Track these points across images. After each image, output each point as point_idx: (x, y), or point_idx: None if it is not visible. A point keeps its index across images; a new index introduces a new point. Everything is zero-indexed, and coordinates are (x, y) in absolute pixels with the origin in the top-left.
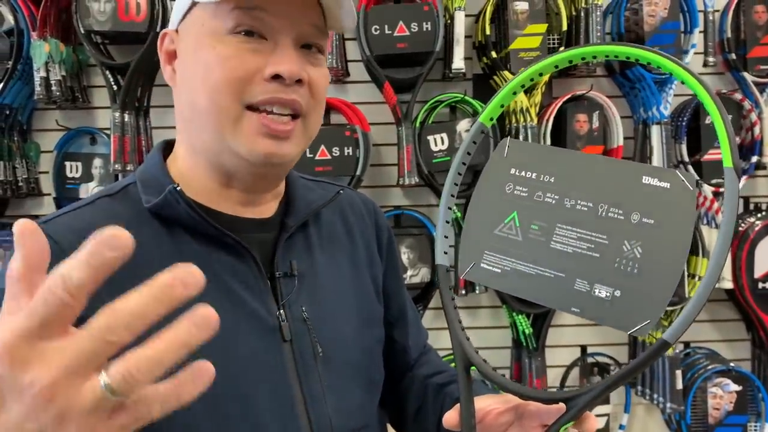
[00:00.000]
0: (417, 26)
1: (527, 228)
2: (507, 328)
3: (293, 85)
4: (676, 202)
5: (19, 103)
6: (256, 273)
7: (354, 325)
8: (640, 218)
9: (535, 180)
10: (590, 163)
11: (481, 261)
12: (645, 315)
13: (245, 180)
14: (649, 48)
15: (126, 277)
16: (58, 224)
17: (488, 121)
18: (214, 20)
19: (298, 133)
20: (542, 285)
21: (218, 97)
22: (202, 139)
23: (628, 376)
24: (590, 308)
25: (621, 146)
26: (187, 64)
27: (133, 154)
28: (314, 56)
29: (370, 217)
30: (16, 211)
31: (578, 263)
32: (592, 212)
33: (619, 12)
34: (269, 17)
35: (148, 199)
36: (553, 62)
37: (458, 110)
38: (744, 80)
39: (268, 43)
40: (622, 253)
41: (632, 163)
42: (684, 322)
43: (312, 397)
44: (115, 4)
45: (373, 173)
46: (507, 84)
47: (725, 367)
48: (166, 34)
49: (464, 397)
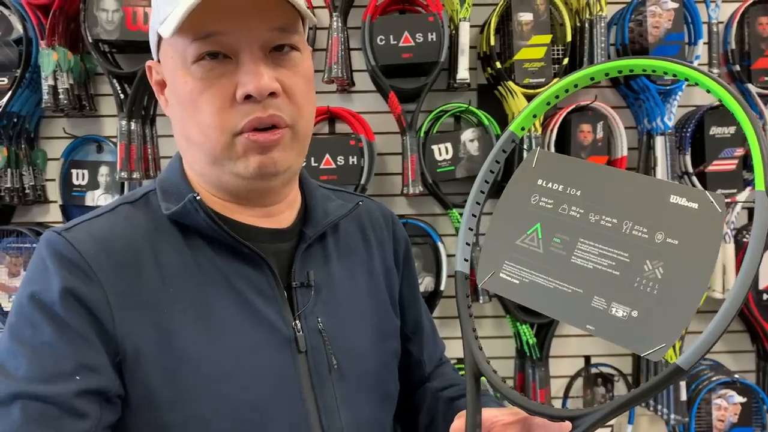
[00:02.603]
0: (422, 37)
1: (549, 241)
2: (510, 337)
3: (267, 99)
4: (703, 224)
5: (27, 111)
6: (273, 283)
7: (369, 337)
8: (664, 238)
9: (561, 192)
10: (618, 178)
11: (501, 270)
12: (661, 338)
13: (250, 196)
14: (692, 66)
15: (145, 281)
16: (79, 231)
17: (519, 130)
18: (179, 53)
19: (287, 140)
20: (559, 300)
21: (208, 131)
22: (201, 165)
23: (638, 401)
24: (605, 327)
25: (625, 157)
26: (171, 96)
27: (139, 162)
28: (286, 57)
29: (388, 229)
30: (22, 218)
31: (597, 280)
32: (616, 229)
33: (623, 23)
34: (227, 38)
35: (168, 207)
36: (589, 74)
37: (463, 120)
38: (748, 92)
39: (233, 62)
40: (643, 272)
41: (661, 180)
42: (702, 348)
43: (326, 409)
44: (123, 14)
45: (378, 182)
46: (541, 94)
47: (730, 378)
48: (150, 66)
49: (471, 405)
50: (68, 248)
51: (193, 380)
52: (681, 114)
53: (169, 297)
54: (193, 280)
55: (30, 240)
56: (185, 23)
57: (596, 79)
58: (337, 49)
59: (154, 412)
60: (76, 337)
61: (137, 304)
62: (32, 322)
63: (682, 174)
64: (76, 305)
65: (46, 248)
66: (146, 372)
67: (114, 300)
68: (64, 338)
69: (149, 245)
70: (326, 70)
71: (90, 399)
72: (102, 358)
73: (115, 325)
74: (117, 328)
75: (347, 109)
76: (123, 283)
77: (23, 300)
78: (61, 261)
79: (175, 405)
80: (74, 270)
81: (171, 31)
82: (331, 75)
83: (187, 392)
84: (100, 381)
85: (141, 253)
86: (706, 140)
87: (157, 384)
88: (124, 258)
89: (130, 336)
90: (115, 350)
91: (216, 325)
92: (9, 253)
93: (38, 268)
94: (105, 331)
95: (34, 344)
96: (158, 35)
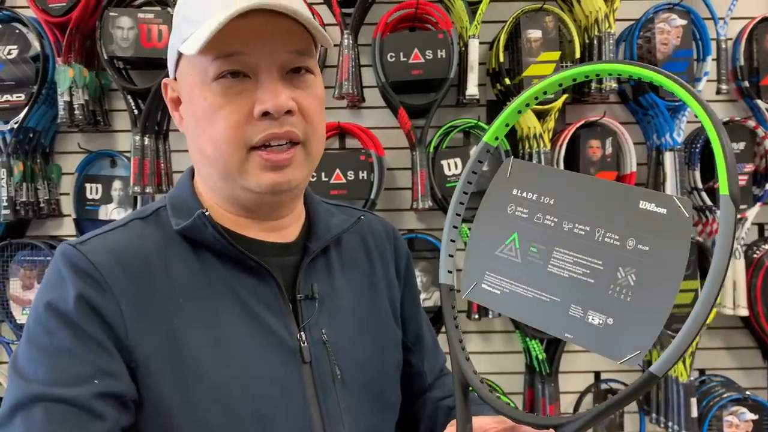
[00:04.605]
0: (432, 53)
1: (526, 250)
2: (520, 353)
3: (283, 117)
4: (672, 229)
5: (42, 126)
6: (278, 295)
7: (372, 348)
8: (635, 244)
9: (535, 201)
10: (589, 185)
11: (482, 281)
12: (636, 345)
13: (261, 210)
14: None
15: (156, 293)
16: (93, 245)
17: (493, 140)
18: (200, 70)
19: (300, 158)
20: (539, 309)
21: (222, 146)
22: (214, 179)
23: (615, 408)
24: (583, 335)
25: (634, 172)
26: (188, 113)
27: (152, 177)
28: (302, 79)
29: (390, 242)
30: (36, 231)
31: (573, 288)
32: (589, 236)
33: (632, 40)
34: (248, 58)
35: (178, 222)
36: (557, 80)
37: (472, 135)
38: (757, 108)
39: (252, 81)
40: (616, 279)
41: (630, 186)
42: (674, 354)
43: (329, 418)
44: (138, 31)
45: (388, 197)
46: (511, 103)
47: (741, 395)
48: (166, 84)
49: (461, 415)
50: (83, 260)
51: (200, 389)
52: (690, 130)
53: (179, 308)
54: (202, 291)
55: (44, 253)
56: (209, 42)
57: (564, 85)
58: (348, 65)
59: (162, 420)
60: (92, 343)
61: (149, 315)
62: (49, 329)
63: (691, 190)
64: (91, 313)
65: (62, 259)
66: (155, 380)
67: (127, 310)
68: (81, 344)
69: (160, 258)
70: (337, 86)
71: (108, 402)
72: (118, 364)
73: (128, 334)
74: (130, 337)
75: (357, 124)
76: (135, 294)
77: (40, 309)
78: (77, 271)
79: (182, 413)
80: (89, 280)
81: (197, 48)
82: (341, 91)
83: (194, 401)
84: (117, 385)
85: (152, 266)
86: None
87: (166, 392)
88: (137, 270)
89: (141, 345)
90: (128, 358)
91: (223, 335)
92: (23, 266)
93: (54, 278)
94: (119, 339)
95: (52, 350)
96: (178, 54)
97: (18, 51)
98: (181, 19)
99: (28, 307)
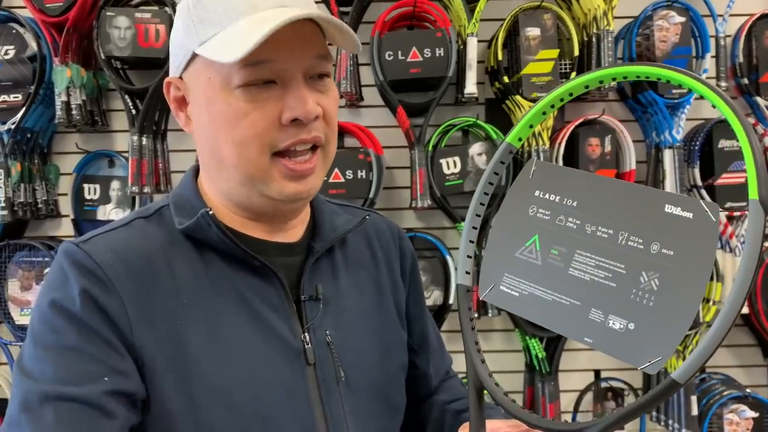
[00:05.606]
0: (430, 52)
1: (547, 252)
2: (520, 351)
3: (311, 123)
4: (698, 234)
5: (40, 126)
6: (283, 296)
7: (377, 350)
8: (659, 249)
9: (558, 203)
10: (614, 188)
11: (501, 283)
12: (657, 351)
13: (275, 214)
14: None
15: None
16: (96, 244)
17: (516, 141)
18: (222, 76)
19: (320, 165)
20: (557, 312)
21: (246, 152)
22: (230, 185)
23: (635, 414)
24: (603, 339)
25: (633, 170)
26: (202, 116)
27: (150, 177)
28: (322, 83)
29: (395, 242)
30: (35, 232)
31: (595, 292)
32: (611, 240)
33: (630, 37)
34: (275, 65)
35: (181, 221)
36: (583, 82)
37: (470, 134)
38: (757, 105)
39: (278, 87)
40: (639, 284)
41: (656, 190)
42: (697, 361)
43: (333, 420)
44: (135, 31)
45: (386, 196)
46: (536, 104)
47: (741, 393)
48: (170, 82)
49: (474, 419)
50: (87, 258)
51: (204, 390)
52: (689, 127)
53: (183, 308)
54: (206, 292)
55: (42, 254)
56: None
57: (591, 87)
58: (346, 64)
59: (166, 420)
60: (100, 341)
61: (153, 315)
62: (55, 327)
63: (691, 187)
64: (97, 312)
65: (65, 258)
66: (159, 380)
67: (131, 310)
68: (88, 342)
69: (164, 258)
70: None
71: (119, 400)
72: (127, 362)
73: (133, 334)
74: (134, 337)
75: (356, 123)
76: (139, 293)
77: (44, 308)
78: (81, 270)
79: (186, 414)
80: (93, 279)
81: (237, 57)
82: (339, 90)
83: (197, 401)
84: (127, 384)
85: (156, 265)
86: (715, 153)
87: (169, 392)
88: (140, 269)
89: (146, 345)
90: (134, 357)
91: (227, 336)
92: (21, 267)
93: (57, 277)
94: (124, 338)
95: (58, 348)
96: (192, 54)
97: (15, 51)
98: (197, 20)
99: (27, 308)
